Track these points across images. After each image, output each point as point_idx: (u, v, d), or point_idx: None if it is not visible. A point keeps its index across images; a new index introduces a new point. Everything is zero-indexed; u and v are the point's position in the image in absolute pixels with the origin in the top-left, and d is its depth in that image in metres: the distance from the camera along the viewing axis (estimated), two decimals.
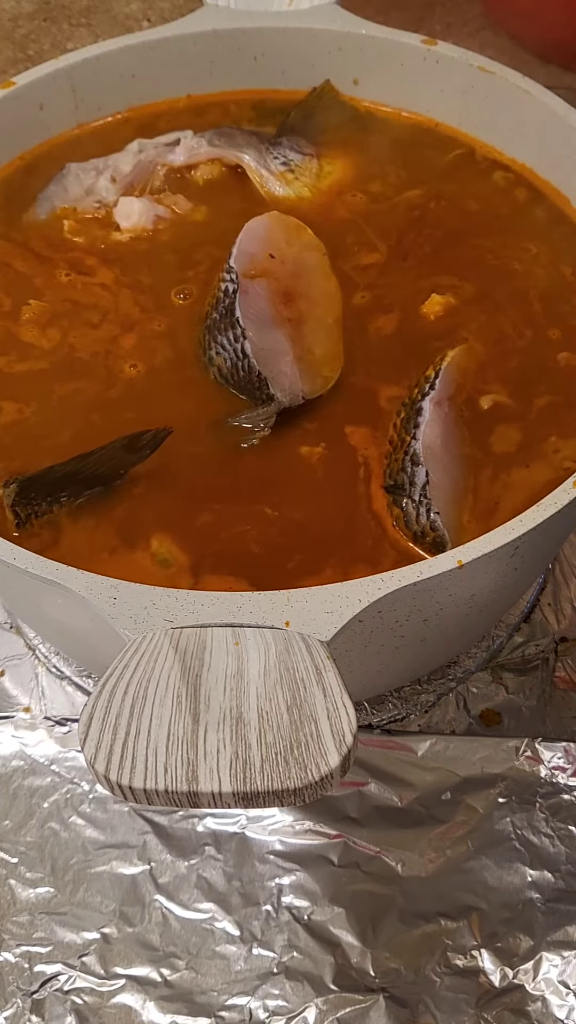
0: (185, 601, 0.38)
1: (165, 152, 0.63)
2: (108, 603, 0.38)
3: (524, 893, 0.50)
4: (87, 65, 0.64)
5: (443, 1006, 0.47)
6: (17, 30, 1.00)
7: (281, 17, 0.66)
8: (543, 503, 0.41)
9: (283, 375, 0.49)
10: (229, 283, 0.51)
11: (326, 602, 0.38)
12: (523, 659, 0.58)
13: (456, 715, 0.56)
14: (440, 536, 0.44)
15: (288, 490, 0.47)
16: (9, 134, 0.63)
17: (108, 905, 0.50)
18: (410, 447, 0.46)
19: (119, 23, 1.01)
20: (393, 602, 0.39)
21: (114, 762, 0.32)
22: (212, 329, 0.51)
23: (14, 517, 0.45)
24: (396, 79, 0.65)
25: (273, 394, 0.48)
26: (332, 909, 0.50)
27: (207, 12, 0.66)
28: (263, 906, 0.50)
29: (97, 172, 0.61)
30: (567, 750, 0.54)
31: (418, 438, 0.46)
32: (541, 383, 0.51)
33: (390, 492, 0.46)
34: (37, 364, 0.52)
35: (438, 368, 0.50)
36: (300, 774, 0.32)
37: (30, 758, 0.55)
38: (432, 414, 0.47)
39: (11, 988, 0.48)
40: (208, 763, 0.32)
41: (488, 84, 0.62)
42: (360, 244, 0.58)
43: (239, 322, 0.50)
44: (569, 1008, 0.47)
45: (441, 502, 0.45)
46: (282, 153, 0.62)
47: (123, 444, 0.46)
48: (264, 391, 0.48)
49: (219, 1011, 0.47)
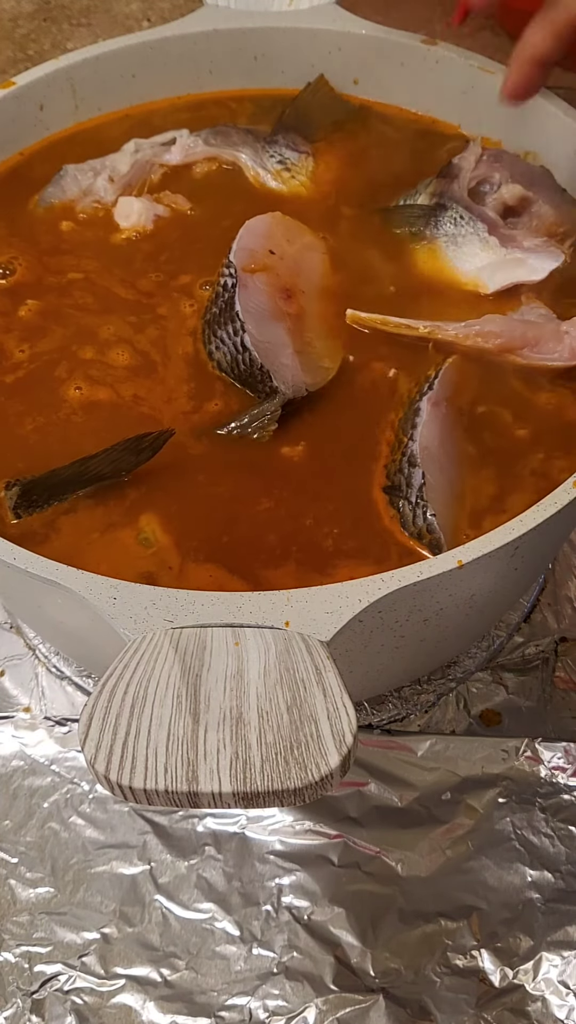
0: (185, 601, 0.38)
1: (161, 152, 0.63)
2: (108, 603, 0.38)
3: (524, 893, 0.50)
4: (87, 65, 0.64)
5: (443, 1006, 0.47)
6: (17, 30, 1.00)
7: (281, 17, 0.66)
8: (543, 503, 0.41)
9: (285, 367, 0.49)
10: (228, 278, 0.51)
11: (326, 602, 0.38)
12: (523, 659, 0.58)
13: (456, 715, 0.56)
14: (436, 538, 0.44)
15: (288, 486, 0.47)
16: (9, 134, 0.63)
17: (108, 905, 0.50)
18: (407, 448, 0.46)
19: (119, 23, 1.01)
20: (393, 602, 0.39)
21: (114, 762, 0.32)
22: (212, 323, 0.51)
23: (15, 519, 0.45)
24: (396, 79, 0.65)
25: (276, 386, 0.48)
26: (332, 909, 0.50)
27: (207, 12, 0.66)
28: (263, 906, 0.50)
29: (95, 173, 0.61)
30: (567, 750, 0.54)
31: (415, 439, 0.46)
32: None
33: (387, 493, 0.46)
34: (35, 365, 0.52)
35: (439, 368, 0.50)
36: (300, 774, 0.32)
37: (30, 758, 0.55)
38: (430, 415, 0.47)
39: (11, 988, 0.48)
40: (208, 763, 0.32)
41: (488, 84, 0.62)
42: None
43: (238, 316, 0.50)
44: (569, 1008, 0.47)
45: (438, 504, 0.45)
46: (278, 151, 0.62)
47: (126, 447, 0.46)
48: (267, 384, 0.48)
49: (219, 1011, 0.47)
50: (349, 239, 0.58)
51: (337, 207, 0.60)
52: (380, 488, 0.46)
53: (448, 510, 0.45)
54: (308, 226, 0.57)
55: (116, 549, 0.45)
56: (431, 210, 0.57)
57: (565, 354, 0.50)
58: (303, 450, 0.48)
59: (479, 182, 0.58)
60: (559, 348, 0.50)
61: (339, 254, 0.57)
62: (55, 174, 0.61)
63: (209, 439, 0.49)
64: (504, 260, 0.54)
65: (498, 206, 0.57)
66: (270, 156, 0.62)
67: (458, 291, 0.55)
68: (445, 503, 0.45)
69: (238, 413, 0.49)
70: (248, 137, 0.63)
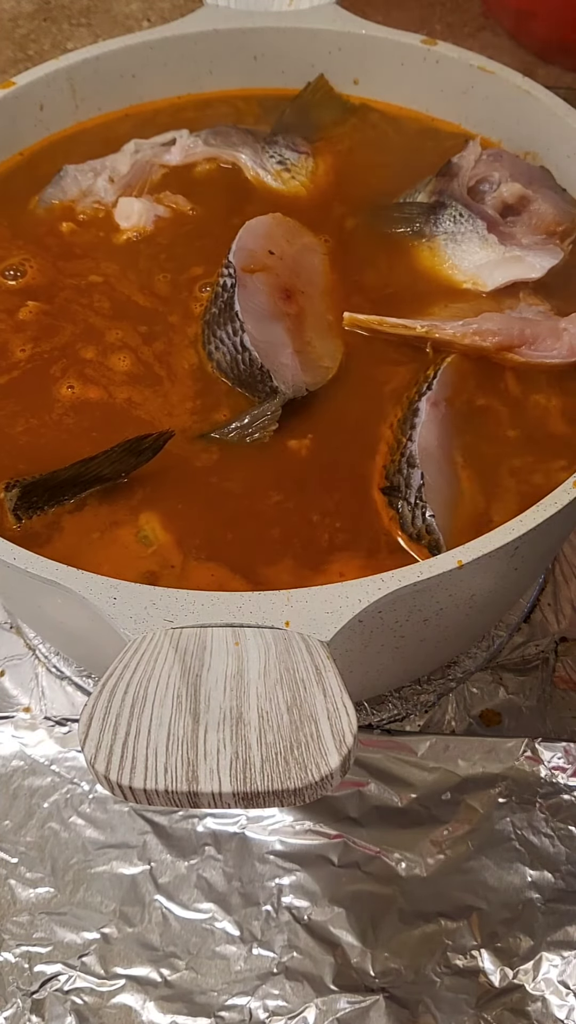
0: (185, 601, 0.38)
1: (161, 152, 0.63)
2: (108, 603, 0.38)
3: (524, 893, 0.50)
4: (87, 65, 0.64)
5: (443, 1006, 0.47)
6: (17, 30, 1.00)
7: (281, 17, 0.66)
8: (543, 503, 0.41)
9: (284, 367, 0.49)
10: (227, 278, 0.51)
11: (326, 602, 0.38)
12: (523, 659, 0.58)
13: (456, 715, 0.56)
14: (435, 539, 0.44)
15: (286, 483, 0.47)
16: (9, 134, 0.63)
17: (108, 905, 0.50)
18: (406, 449, 0.46)
19: (119, 23, 1.01)
20: (393, 602, 0.39)
21: (114, 762, 0.32)
22: (211, 324, 0.51)
23: (16, 520, 0.45)
24: (396, 79, 0.65)
25: (277, 386, 0.48)
26: (332, 909, 0.50)
27: (207, 12, 0.66)
28: (263, 906, 0.50)
29: (95, 173, 0.61)
30: (567, 750, 0.54)
31: (414, 440, 0.46)
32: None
33: (386, 494, 0.46)
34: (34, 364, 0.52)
35: (437, 369, 0.50)
36: (300, 774, 0.32)
37: (30, 758, 0.55)
38: (428, 415, 0.47)
39: (11, 988, 0.48)
40: (208, 763, 0.32)
41: (488, 84, 0.62)
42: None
43: (238, 315, 0.50)
44: (569, 1008, 0.47)
45: (437, 504, 0.45)
46: (278, 152, 0.62)
47: (125, 448, 0.46)
48: (268, 384, 0.48)
49: (219, 1011, 0.47)
50: (348, 238, 0.58)
51: (337, 207, 0.60)
52: (379, 488, 0.46)
53: (447, 510, 0.45)
54: (308, 226, 0.57)
55: (117, 549, 0.45)
56: (430, 208, 0.57)
57: (564, 351, 0.50)
58: (304, 447, 0.48)
59: (478, 181, 0.58)
60: (557, 345, 0.50)
61: (338, 254, 0.57)
62: (55, 175, 0.61)
63: (208, 439, 0.49)
64: (503, 258, 0.54)
65: (497, 205, 0.57)
66: (270, 156, 0.62)
67: (456, 289, 0.55)
68: (444, 503, 0.45)
69: (238, 414, 0.49)
70: (248, 137, 0.63)
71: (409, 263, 0.57)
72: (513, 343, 0.50)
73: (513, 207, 0.57)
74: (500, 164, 0.58)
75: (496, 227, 0.55)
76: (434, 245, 0.56)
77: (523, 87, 0.61)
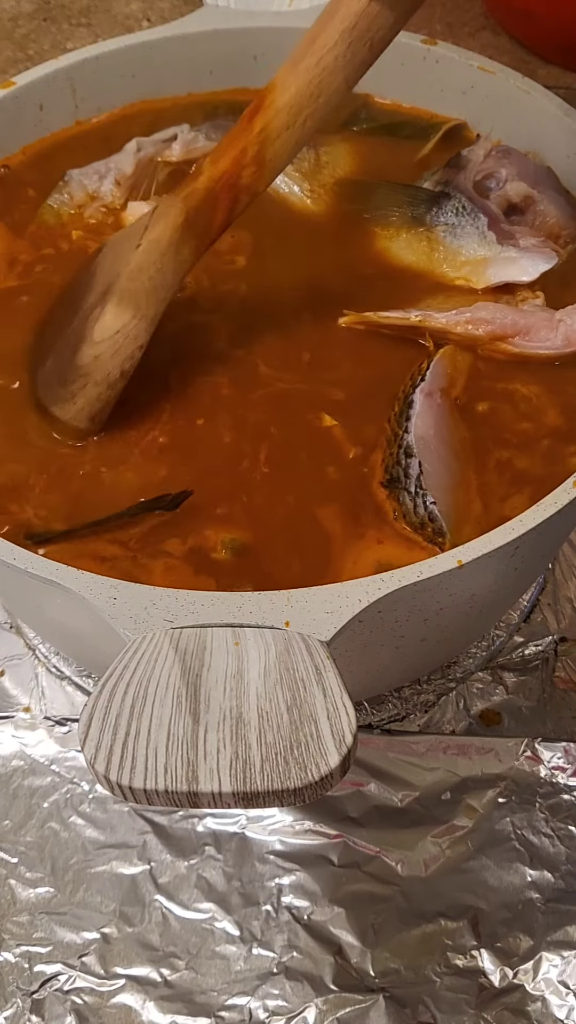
0: (185, 601, 0.38)
1: (163, 148, 0.63)
2: (108, 603, 0.38)
3: (524, 893, 0.50)
4: (87, 65, 0.64)
5: (443, 1006, 0.47)
6: (17, 30, 1.00)
7: (281, 17, 0.66)
8: (543, 503, 0.41)
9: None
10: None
11: (326, 602, 0.38)
12: (523, 659, 0.58)
13: (456, 715, 0.56)
14: (439, 527, 0.44)
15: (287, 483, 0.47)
16: (9, 134, 0.63)
17: (108, 905, 0.50)
18: (403, 440, 0.46)
19: (119, 23, 1.01)
20: (393, 602, 0.39)
21: (114, 762, 0.32)
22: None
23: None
24: (396, 79, 0.65)
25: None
26: (332, 909, 0.50)
27: (207, 12, 0.66)
28: (263, 906, 0.50)
29: (100, 176, 0.61)
30: (567, 750, 0.54)
31: (410, 431, 0.46)
32: None
33: (387, 487, 0.46)
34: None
35: (431, 360, 0.50)
36: (300, 774, 0.32)
37: (30, 758, 0.55)
38: (423, 405, 0.47)
39: (11, 988, 0.48)
40: (208, 763, 0.32)
41: (488, 84, 0.62)
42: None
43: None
44: (569, 1008, 0.47)
45: (438, 490, 0.45)
46: None
47: (141, 508, 0.46)
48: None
49: (219, 1011, 0.47)
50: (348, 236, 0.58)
51: (336, 204, 0.60)
52: (379, 483, 0.46)
53: (449, 497, 0.45)
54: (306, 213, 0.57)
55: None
56: (435, 196, 0.56)
57: (558, 342, 0.50)
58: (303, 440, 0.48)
59: (485, 176, 0.58)
60: (551, 336, 0.50)
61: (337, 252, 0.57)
62: (59, 181, 0.61)
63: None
64: (498, 257, 0.54)
65: (502, 203, 0.57)
66: None
67: (449, 285, 0.55)
68: (445, 490, 0.45)
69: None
70: None
71: (405, 257, 0.56)
72: (507, 332, 0.50)
73: (517, 206, 0.57)
74: (508, 161, 0.58)
75: (497, 224, 0.55)
76: (432, 236, 0.56)
77: (523, 87, 0.60)
